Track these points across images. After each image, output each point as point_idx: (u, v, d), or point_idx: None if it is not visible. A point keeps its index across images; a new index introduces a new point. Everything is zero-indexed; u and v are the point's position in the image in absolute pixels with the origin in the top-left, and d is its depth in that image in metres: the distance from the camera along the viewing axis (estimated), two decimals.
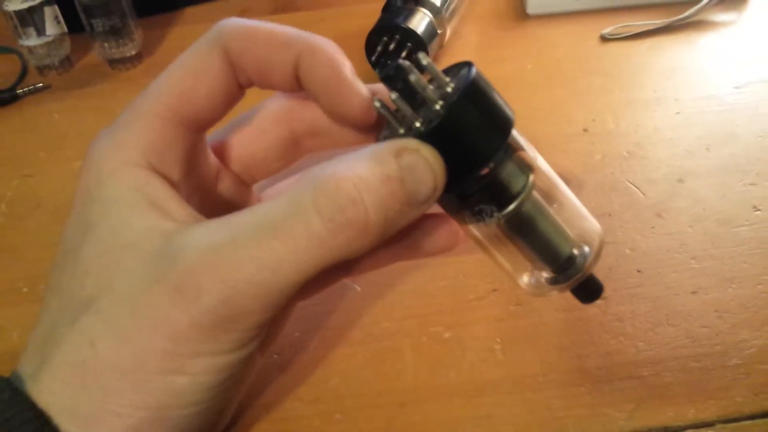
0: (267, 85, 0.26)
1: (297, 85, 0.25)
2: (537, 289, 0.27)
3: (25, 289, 0.36)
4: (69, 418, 0.22)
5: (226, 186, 0.28)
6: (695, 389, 0.28)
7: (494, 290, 0.33)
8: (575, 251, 0.26)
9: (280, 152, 0.28)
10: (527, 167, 0.24)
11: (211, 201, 0.28)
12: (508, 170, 0.24)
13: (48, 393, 0.22)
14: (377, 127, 0.26)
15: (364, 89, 0.25)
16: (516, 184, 0.24)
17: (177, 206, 0.24)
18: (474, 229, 0.26)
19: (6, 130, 0.49)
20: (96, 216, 0.24)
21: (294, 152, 0.28)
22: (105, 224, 0.23)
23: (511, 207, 0.24)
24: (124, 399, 0.22)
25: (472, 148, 0.23)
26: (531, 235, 0.25)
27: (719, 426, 0.27)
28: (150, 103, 0.25)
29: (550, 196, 0.25)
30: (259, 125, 0.28)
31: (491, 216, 0.24)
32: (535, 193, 0.25)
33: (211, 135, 0.28)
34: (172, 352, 0.22)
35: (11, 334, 0.34)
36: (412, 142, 0.22)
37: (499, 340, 0.30)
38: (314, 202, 0.21)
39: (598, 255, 0.26)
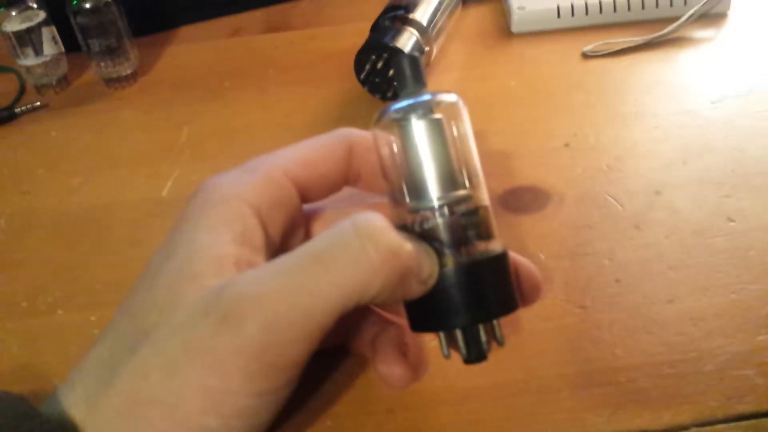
0: (360, 184, 0.30)
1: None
2: None
3: (24, 304, 0.37)
4: None
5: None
6: (671, 394, 0.29)
7: None
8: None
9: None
10: None
11: None
12: None
13: (103, 420, 0.23)
14: None
15: None
16: None
17: (257, 252, 0.25)
18: None
19: (5, 147, 0.50)
20: (178, 243, 0.24)
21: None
22: (183, 252, 0.24)
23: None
24: None
25: None
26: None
27: (694, 429, 0.27)
28: (277, 161, 0.28)
29: None
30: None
31: None
32: None
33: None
34: (212, 388, 0.22)
35: (11, 347, 0.34)
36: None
37: None
38: (356, 233, 0.23)
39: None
